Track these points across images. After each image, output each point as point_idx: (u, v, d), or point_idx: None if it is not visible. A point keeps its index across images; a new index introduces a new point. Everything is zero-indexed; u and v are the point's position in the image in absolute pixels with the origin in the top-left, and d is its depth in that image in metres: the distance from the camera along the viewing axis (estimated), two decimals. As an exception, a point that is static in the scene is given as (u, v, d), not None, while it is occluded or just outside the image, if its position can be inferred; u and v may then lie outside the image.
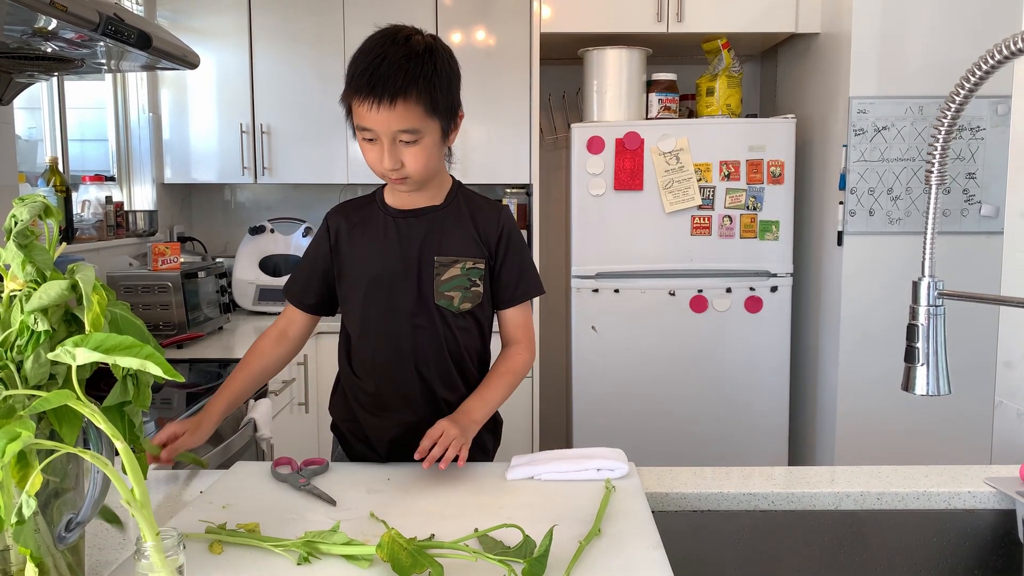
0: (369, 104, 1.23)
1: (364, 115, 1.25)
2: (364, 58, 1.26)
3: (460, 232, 1.40)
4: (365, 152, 1.31)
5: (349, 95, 1.27)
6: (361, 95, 1.24)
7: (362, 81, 1.24)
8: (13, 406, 0.76)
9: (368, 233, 1.40)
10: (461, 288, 1.38)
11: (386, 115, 1.24)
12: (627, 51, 3.04)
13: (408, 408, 1.39)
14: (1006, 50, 0.83)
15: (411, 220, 1.40)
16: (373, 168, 1.32)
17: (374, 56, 1.26)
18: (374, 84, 1.23)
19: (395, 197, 1.42)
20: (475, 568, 0.93)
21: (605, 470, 1.24)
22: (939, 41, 2.79)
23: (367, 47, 1.29)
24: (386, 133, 1.26)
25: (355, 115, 1.28)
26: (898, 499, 1.23)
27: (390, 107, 1.23)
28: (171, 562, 0.76)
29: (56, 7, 1.47)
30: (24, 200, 0.82)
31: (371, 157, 1.31)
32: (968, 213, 2.85)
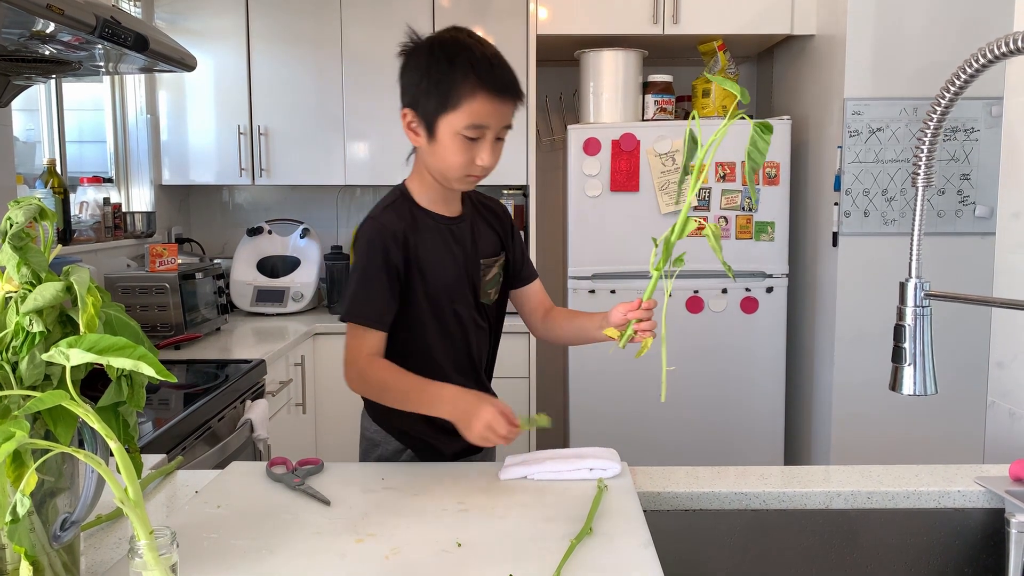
0: (497, 100, 1.27)
1: (485, 111, 1.27)
2: (472, 56, 1.27)
3: (490, 232, 1.48)
4: (456, 153, 1.29)
5: (464, 91, 1.26)
6: (492, 92, 1.26)
7: (491, 77, 1.26)
8: (8, 406, 0.77)
9: (429, 241, 1.38)
10: (496, 283, 1.48)
11: (506, 111, 1.29)
12: (623, 53, 3.05)
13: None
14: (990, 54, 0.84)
15: (460, 226, 1.43)
16: (457, 168, 1.31)
17: (486, 52, 1.29)
18: (504, 81, 1.28)
19: (439, 204, 1.40)
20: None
21: (598, 470, 1.25)
22: (933, 43, 2.80)
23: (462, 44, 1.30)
24: (496, 129, 1.29)
25: (468, 112, 1.27)
26: (888, 498, 1.24)
27: (511, 104, 1.29)
28: (164, 561, 0.77)
29: (53, 10, 1.48)
30: (20, 203, 0.83)
31: (464, 157, 1.29)
32: (962, 214, 2.86)
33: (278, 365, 2.62)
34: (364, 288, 1.34)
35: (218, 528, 1.07)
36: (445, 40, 1.32)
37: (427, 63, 1.30)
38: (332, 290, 3.27)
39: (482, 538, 1.03)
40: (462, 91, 1.26)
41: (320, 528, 1.07)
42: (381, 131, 3.21)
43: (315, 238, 3.41)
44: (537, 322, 1.55)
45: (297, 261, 3.34)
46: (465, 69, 1.26)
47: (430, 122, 1.30)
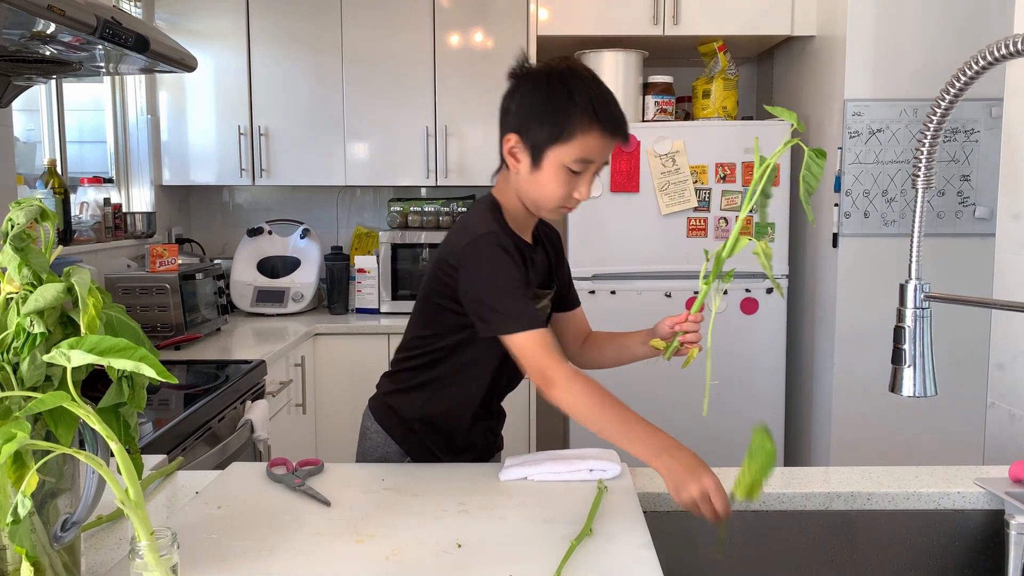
0: (609, 138, 1.27)
1: (596, 147, 1.27)
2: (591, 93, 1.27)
3: (545, 262, 1.47)
4: (559, 184, 1.28)
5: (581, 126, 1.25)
6: (607, 130, 1.27)
7: (608, 115, 1.27)
8: (9, 407, 0.77)
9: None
10: (544, 313, 1.46)
11: (611, 149, 1.30)
12: (623, 53, 3.05)
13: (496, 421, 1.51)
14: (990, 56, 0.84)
15: (535, 255, 1.42)
16: (555, 199, 1.30)
17: (603, 89, 1.29)
18: (619, 121, 1.28)
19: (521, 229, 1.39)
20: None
21: (598, 471, 1.25)
22: (933, 44, 2.80)
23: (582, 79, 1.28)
24: (599, 164, 1.30)
25: (580, 146, 1.26)
26: (888, 499, 1.24)
27: (618, 143, 1.30)
28: (165, 561, 0.77)
29: (54, 11, 1.48)
30: (21, 204, 0.83)
31: (565, 189, 1.29)
32: (962, 215, 2.86)
33: (278, 366, 2.62)
34: (513, 296, 1.26)
35: (218, 529, 1.07)
36: (564, 71, 1.30)
37: (546, 92, 1.28)
38: (332, 290, 3.27)
39: (482, 539, 1.04)
40: (578, 125, 1.25)
41: (320, 529, 1.07)
42: (381, 131, 3.21)
43: (315, 238, 3.41)
44: (577, 347, 1.55)
45: (297, 261, 3.34)
46: (585, 103, 1.25)
47: (537, 151, 1.28)
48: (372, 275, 3.24)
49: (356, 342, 3.04)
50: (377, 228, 3.53)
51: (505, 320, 1.24)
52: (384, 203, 3.61)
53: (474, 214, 1.36)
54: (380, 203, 3.63)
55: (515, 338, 1.23)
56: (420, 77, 3.17)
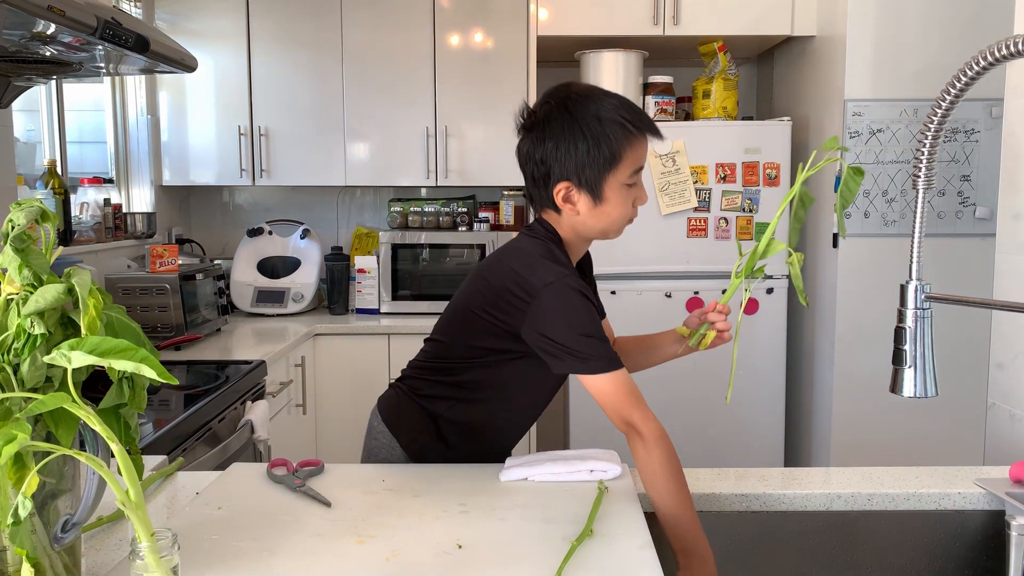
0: (647, 140, 1.30)
1: (642, 154, 1.31)
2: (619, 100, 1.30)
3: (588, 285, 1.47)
4: (623, 204, 1.30)
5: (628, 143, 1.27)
6: (646, 133, 1.29)
7: (641, 120, 1.29)
8: (10, 408, 0.77)
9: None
10: None
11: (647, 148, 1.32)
12: (623, 54, 3.05)
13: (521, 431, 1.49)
14: (991, 56, 0.84)
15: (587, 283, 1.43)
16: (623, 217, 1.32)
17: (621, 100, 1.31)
18: (650, 120, 1.31)
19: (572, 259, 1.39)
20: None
21: (598, 471, 1.25)
22: (933, 44, 2.80)
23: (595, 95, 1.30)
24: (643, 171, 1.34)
25: (631, 160, 1.28)
26: (889, 500, 1.24)
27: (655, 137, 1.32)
28: (166, 562, 0.77)
29: (54, 11, 1.48)
30: (21, 204, 0.83)
31: (628, 205, 1.31)
32: (963, 215, 2.87)
33: (278, 366, 2.62)
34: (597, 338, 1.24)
35: (219, 529, 1.07)
36: (575, 100, 1.29)
37: (576, 130, 1.27)
38: (332, 291, 3.27)
39: (483, 539, 1.03)
40: (622, 144, 1.27)
41: (321, 529, 1.07)
42: (381, 132, 3.21)
43: (315, 239, 3.41)
44: None
45: (297, 262, 3.34)
46: (615, 121, 1.27)
47: (596, 186, 1.28)
48: (372, 275, 3.24)
49: (356, 342, 3.04)
50: (377, 228, 3.53)
51: (586, 361, 1.23)
52: (384, 203, 3.61)
53: (540, 246, 1.32)
54: (380, 203, 3.63)
55: (598, 380, 1.23)
56: (420, 77, 3.17)
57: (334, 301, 3.27)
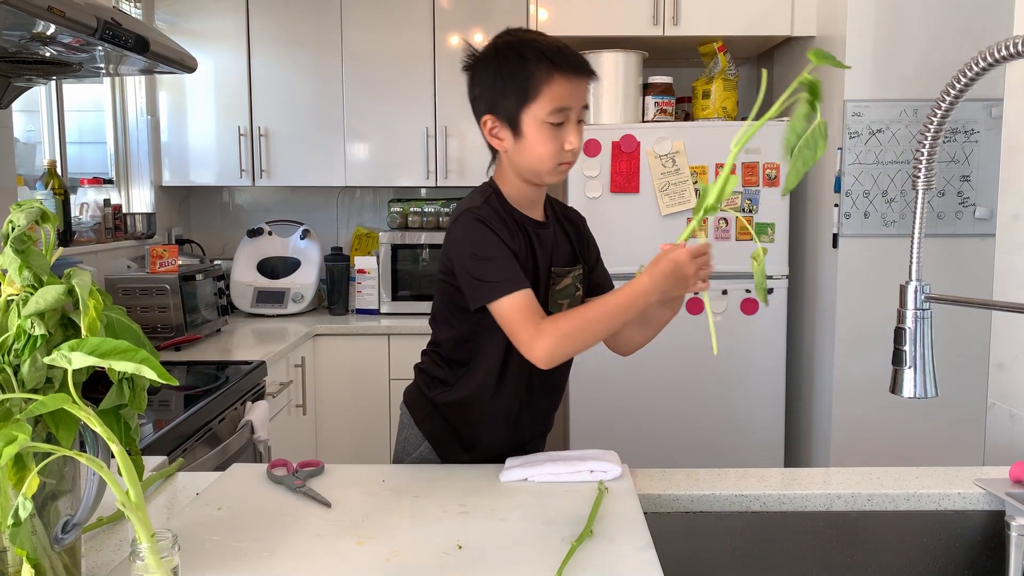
0: (571, 80, 1.28)
1: (564, 94, 1.28)
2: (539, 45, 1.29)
3: (566, 242, 1.46)
4: (545, 141, 1.29)
5: (540, 77, 1.27)
6: (563, 71, 1.28)
7: (564, 58, 1.28)
8: (10, 409, 0.77)
9: (517, 241, 1.36)
10: (570, 296, 1.44)
11: (582, 90, 1.31)
12: (623, 54, 3.05)
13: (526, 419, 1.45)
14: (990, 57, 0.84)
15: (546, 232, 1.41)
16: (549, 158, 1.30)
17: (542, 38, 1.31)
18: (577, 60, 1.30)
19: (525, 207, 1.39)
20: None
21: (598, 472, 1.25)
22: (933, 44, 2.80)
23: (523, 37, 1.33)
24: (578, 109, 1.31)
25: (549, 97, 1.28)
26: (889, 500, 1.24)
27: (586, 82, 1.31)
28: (166, 563, 0.77)
29: (54, 12, 1.48)
30: (21, 205, 0.83)
31: (554, 145, 1.30)
32: (962, 215, 2.87)
33: (278, 366, 2.62)
34: (494, 266, 1.28)
35: (219, 530, 1.07)
36: (508, 40, 1.33)
37: (497, 64, 1.31)
38: (332, 291, 3.27)
39: (483, 540, 1.04)
40: (539, 78, 1.28)
41: (321, 530, 1.07)
42: (381, 132, 3.21)
43: (315, 239, 3.41)
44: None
45: (297, 262, 3.34)
46: (537, 57, 1.28)
47: (513, 119, 1.30)
48: (372, 276, 3.24)
49: (356, 343, 3.04)
50: (377, 229, 3.53)
51: (485, 288, 1.27)
52: (384, 204, 3.61)
53: (470, 198, 1.39)
54: (380, 204, 3.63)
55: (496, 306, 1.27)
56: (420, 77, 3.17)
57: (334, 301, 3.27)
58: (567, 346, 1.23)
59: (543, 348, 1.22)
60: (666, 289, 1.21)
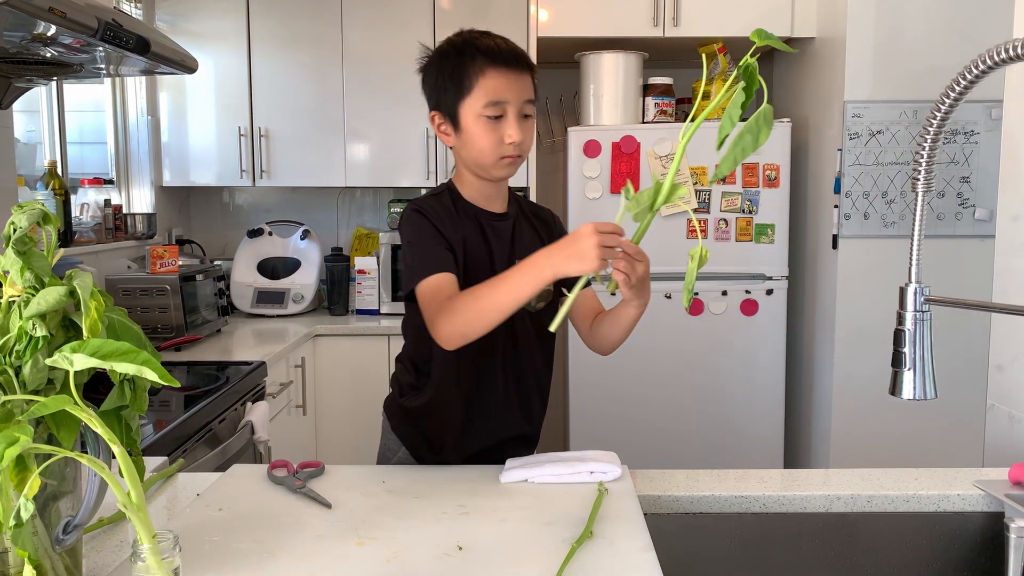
0: (505, 73, 1.31)
1: (498, 87, 1.31)
2: (479, 42, 1.33)
3: (533, 235, 1.47)
4: (483, 135, 1.32)
5: (474, 71, 1.31)
6: (496, 64, 1.31)
7: (498, 52, 1.31)
8: (11, 411, 0.77)
9: (468, 230, 1.38)
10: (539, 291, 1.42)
11: (520, 84, 1.32)
12: (623, 55, 3.05)
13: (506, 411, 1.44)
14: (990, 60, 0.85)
15: (502, 223, 1.43)
16: (489, 151, 1.32)
17: (485, 37, 1.34)
18: (511, 53, 1.32)
19: (481, 200, 1.41)
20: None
21: (598, 473, 1.25)
22: (933, 45, 2.81)
23: (466, 36, 1.36)
24: (516, 103, 1.32)
25: (483, 90, 1.31)
26: (888, 501, 1.25)
27: (522, 75, 1.33)
28: (167, 564, 0.77)
29: (55, 13, 1.49)
30: (23, 207, 0.83)
31: (492, 138, 1.32)
32: (962, 217, 2.87)
33: (278, 367, 2.62)
34: (421, 252, 1.32)
35: (219, 531, 1.07)
36: (452, 39, 1.38)
37: (439, 62, 1.37)
38: (332, 291, 3.28)
39: (483, 541, 1.04)
40: (473, 72, 1.31)
41: (321, 531, 1.07)
42: (382, 133, 3.21)
43: (315, 240, 3.41)
44: (586, 330, 1.50)
45: (297, 263, 3.34)
46: (473, 52, 1.32)
47: (453, 114, 1.35)
48: (372, 276, 3.24)
49: (356, 343, 3.04)
50: (377, 229, 3.53)
51: (411, 274, 1.31)
52: (384, 204, 3.61)
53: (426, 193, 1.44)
54: (380, 204, 3.63)
55: (417, 292, 1.30)
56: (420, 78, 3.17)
57: (334, 302, 3.27)
58: (460, 322, 1.21)
59: (441, 326, 1.23)
60: (560, 261, 1.13)
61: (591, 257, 1.11)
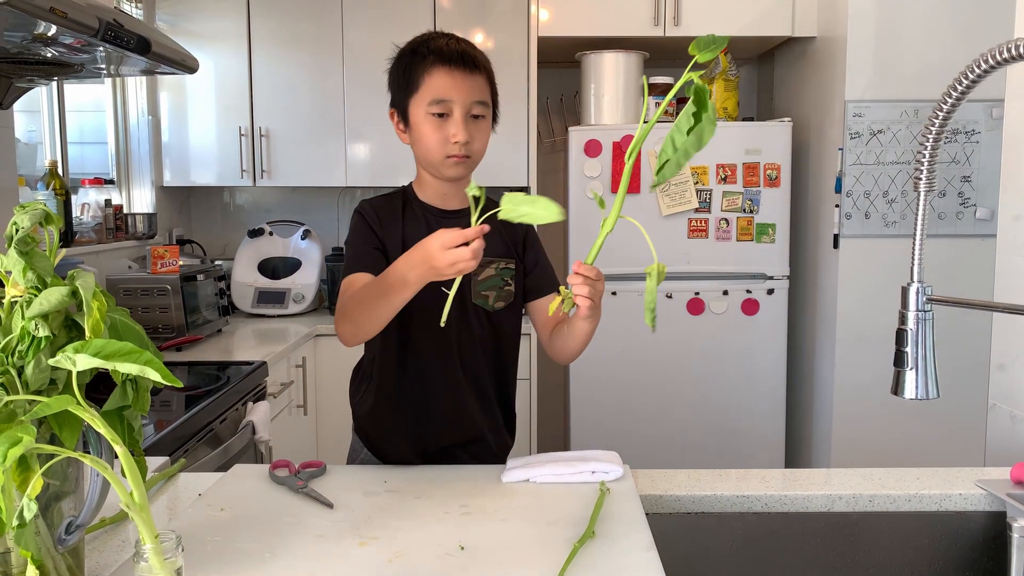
0: (451, 72, 1.31)
1: (443, 86, 1.32)
2: (432, 42, 1.34)
3: (492, 233, 1.43)
4: (429, 132, 1.33)
5: (422, 69, 1.32)
6: (442, 63, 1.31)
7: (445, 51, 1.32)
8: (14, 411, 0.77)
9: (408, 229, 1.39)
10: (496, 287, 1.44)
11: (468, 84, 1.32)
12: (624, 55, 3.05)
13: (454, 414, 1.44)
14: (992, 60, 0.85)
15: (451, 220, 1.41)
16: (435, 149, 1.34)
17: (442, 38, 1.35)
18: (457, 52, 1.32)
19: (436, 199, 1.43)
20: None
21: (600, 473, 1.25)
22: (934, 44, 2.81)
23: (426, 36, 1.37)
24: (463, 103, 1.32)
25: (428, 88, 1.32)
26: (890, 501, 1.25)
27: (470, 75, 1.32)
28: (169, 564, 0.77)
29: (56, 13, 1.48)
30: (25, 208, 0.83)
31: (437, 136, 1.33)
32: (963, 216, 2.87)
33: (279, 367, 2.62)
34: (350, 253, 1.39)
35: (221, 531, 1.07)
36: (413, 39, 1.39)
37: (397, 61, 1.39)
38: (333, 291, 3.27)
39: (485, 541, 1.04)
40: (420, 70, 1.33)
41: (323, 531, 1.07)
42: (382, 132, 3.21)
43: (316, 239, 3.41)
44: (546, 339, 1.49)
45: (298, 263, 3.34)
46: (423, 52, 1.34)
47: (404, 112, 1.37)
48: (373, 276, 3.24)
49: (357, 343, 3.03)
50: (378, 229, 3.53)
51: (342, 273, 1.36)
52: (385, 204, 3.61)
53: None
54: (381, 204, 3.63)
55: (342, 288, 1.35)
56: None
57: (335, 302, 3.27)
58: (347, 323, 1.27)
59: (338, 325, 1.30)
60: (417, 272, 1.14)
61: (447, 270, 1.11)
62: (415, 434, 1.44)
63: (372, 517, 1.12)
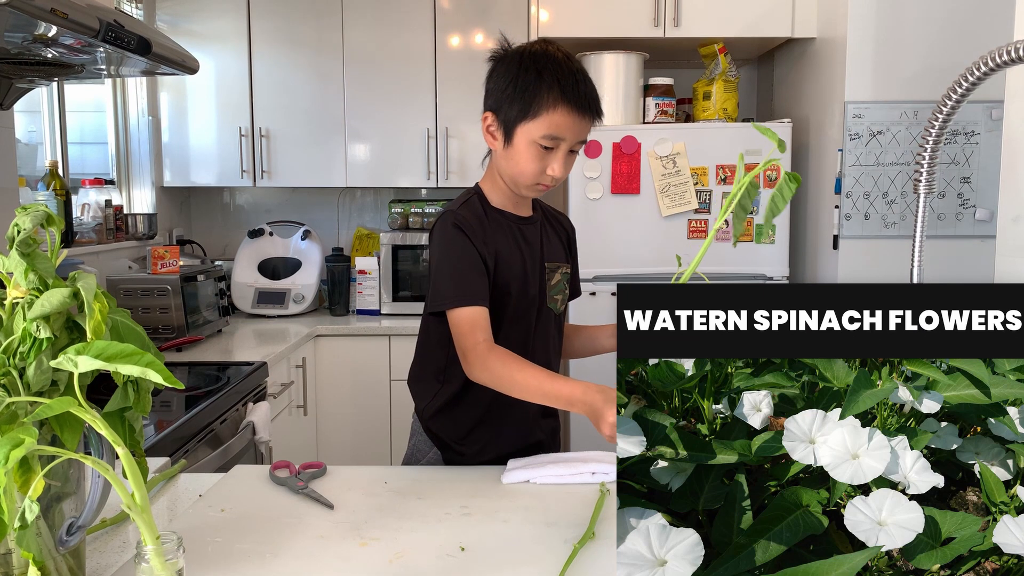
0: (576, 114, 1.30)
1: (564, 124, 1.30)
2: (560, 72, 1.30)
3: (556, 239, 1.50)
4: (530, 160, 1.32)
5: (546, 102, 1.29)
6: (573, 106, 1.30)
7: (576, 94, 1.30)
8: (16, 412, 0.77)
9: (499, 236, 1.39)
10: (561, 292, 1.48)
11: (584, 126, 1.32)
12: (624, 55, 3.05)
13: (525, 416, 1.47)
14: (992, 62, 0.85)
15: (530, 227, 1.44)
16: (530, 175, 1.34)
17: (568, 73, 1.31)
18: (586, 97, 1.31)
19: (509, 205, 1.43)
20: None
21: (600, 473, 1.26)
22: (934, 46, 2.81)
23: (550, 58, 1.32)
24: (572, 143, 1.33)
25: (547, 122, 1.30)
26: (889, 502, 1.25)
27: (590, 119, 1.32)
28: (171, 565, 0.77)
29: (57, 14, 1.49)
30: (27, 209, 0.83)
31: (537, 165, 1.33)
32: (963, 217, 2.87)
33: (279, 367, 2.63)
34: (458, 271, 1.33)
35: (222, 532, 1.07)
36: (536, 52, 1.34)
37: (516, 71, 1.33)
38: (333, 292, 3.28)
39: (485, 542, 1.04)
40: (544, 102, 1.30)
41: (323, 532, 1.07)
42: (382, 133, 3.21)
43: (316, 240, 3.41)
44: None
45: (298, 263, 3.34)
46: (551, 81, 1.30)
47: (509, 128, 1.34)
48: (373, 276, 3.24)
49: (357, 343, 3.04)
50: (378, 229, 3.54)
51: (443, 296, 1.32)
52: (385, 204, 3.61)
53: (456, 199, 1.44)
54: (381, 204, 3.64)
55: (451, 315, 1.31)
56: (421, 78, 3.18)
57: (335, 302, 3.28)
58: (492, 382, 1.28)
59: (474, 370, 1.28)
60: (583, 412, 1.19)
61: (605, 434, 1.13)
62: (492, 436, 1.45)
63: (372, 518, 1.12)
